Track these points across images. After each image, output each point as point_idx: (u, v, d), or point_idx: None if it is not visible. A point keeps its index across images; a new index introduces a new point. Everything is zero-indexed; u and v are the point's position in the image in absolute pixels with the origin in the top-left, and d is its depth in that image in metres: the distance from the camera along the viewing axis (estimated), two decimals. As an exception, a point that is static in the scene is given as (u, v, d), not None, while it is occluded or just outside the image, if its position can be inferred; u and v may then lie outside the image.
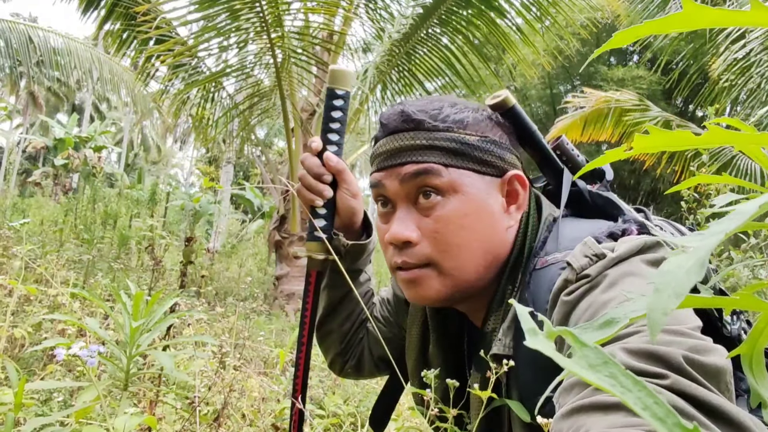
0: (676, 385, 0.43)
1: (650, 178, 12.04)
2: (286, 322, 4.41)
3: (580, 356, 0.22)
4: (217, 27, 4.10)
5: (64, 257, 3.70)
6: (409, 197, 0.77)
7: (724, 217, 0.25)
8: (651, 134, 0.29)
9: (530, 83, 12.67)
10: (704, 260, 0.23)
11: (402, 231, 0.75)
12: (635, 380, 0.21)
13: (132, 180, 16.13)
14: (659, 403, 0.21)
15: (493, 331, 0.76)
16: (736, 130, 0.32)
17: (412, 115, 0.76)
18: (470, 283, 0.77)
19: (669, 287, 0.23)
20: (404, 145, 0.76)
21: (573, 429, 0.44)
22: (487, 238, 0.76)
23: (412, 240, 0.75)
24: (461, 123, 0.76)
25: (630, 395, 0.21)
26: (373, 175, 0.81)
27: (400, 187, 0.76)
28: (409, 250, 0.76)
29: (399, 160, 0.76)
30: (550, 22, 4.53)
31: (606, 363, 0.22)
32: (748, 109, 5.45)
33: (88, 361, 0.75)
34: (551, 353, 0.22)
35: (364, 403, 2.03)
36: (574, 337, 0.23)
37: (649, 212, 0.86)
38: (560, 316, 0.64)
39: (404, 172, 0.75)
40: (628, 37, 0.29)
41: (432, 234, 0.75)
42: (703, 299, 0.29)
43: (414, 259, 0.76)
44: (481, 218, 0.75)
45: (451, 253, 0.75)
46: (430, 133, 0.75)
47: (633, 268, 0.62)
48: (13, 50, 8.09)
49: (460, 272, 0.75)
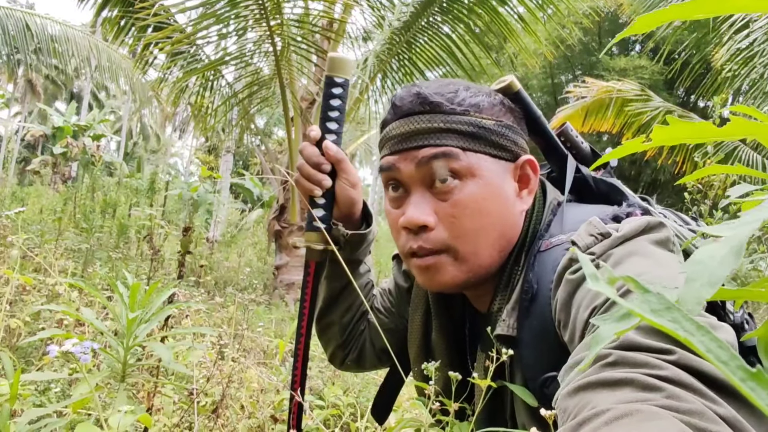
0: (683, 360, 0.43)
1: (651, 169, 12.02)
2: (286, 312, 4.41)
3: (642, 301, 0.23)
4: (216, 14, 4.05)
5: (63, 246, 3.69)
6: (425, 181, 0.75)
7: (759, 206, 0.24)
8: (671, 125, 0.28)
9: (532, 73, 12.60)
10: (739, 249, 0.22)
11: (418, 215, 0.73)
12: (698, 325, 0.21)
13: (131, 169, 16.11)
14: (723, 347, 0.21)
15: (499, 311, 0.76)
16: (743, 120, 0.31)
17: (429, 98, 0.74)
18: (485, 268, 0.76)
19: (702, 277, 0.23)
20: (421, 128, 0.74)
21: (580, 406, 0.43)
22: (502, 223, 0.75)
23: (428, 224, 0.73)
24: (477, 107, 0.75)
25: (694, 339, 0.21)
26: (386, 158, 0.78)
27: (416, 170, 0.74)
28: (425, 235, 0.74)
29: (415, 143, 0.74)
30: (552, 10, 4.48)
31: (669, 308, 0.22)
32: (751, 99, 5.42)
33: (81, 357, 0.74)
34: (613, 295, 0.23)
35: (363, 393, 2.02)
36: (636, 282, 0.23)
37: (652, 201, 0.85)
38: (565, 294, 0.63)
39: (421, 155, 0.73)
40: (650, 22, 0.28)
41: (449, 218, 0.73)
42: (727, 291, 0.28)
43: (430, 245, 0.74)
44: (497, 202, 0.74)
45: (467, 237, 0.74)
46: (447, 116, 0.73)
47: (638, 247, 0.62)
48: (10, 37, 8.02)
49: (475, 257, 0.74)
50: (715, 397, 0.39)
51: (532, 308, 0.71)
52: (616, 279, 0.25)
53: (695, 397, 0.39)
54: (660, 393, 0.39)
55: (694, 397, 0.39)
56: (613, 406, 0.39)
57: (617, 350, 0.46)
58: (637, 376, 0.42)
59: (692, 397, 0.39)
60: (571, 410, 0.44)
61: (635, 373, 0.42)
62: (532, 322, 0.71)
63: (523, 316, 0.72)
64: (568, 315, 0.61)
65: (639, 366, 0.43)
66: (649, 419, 0.36)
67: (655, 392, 0.40)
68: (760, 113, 0.33)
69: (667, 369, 0.42)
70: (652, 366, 0.43)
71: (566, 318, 0.62)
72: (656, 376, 0.41)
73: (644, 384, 0.41)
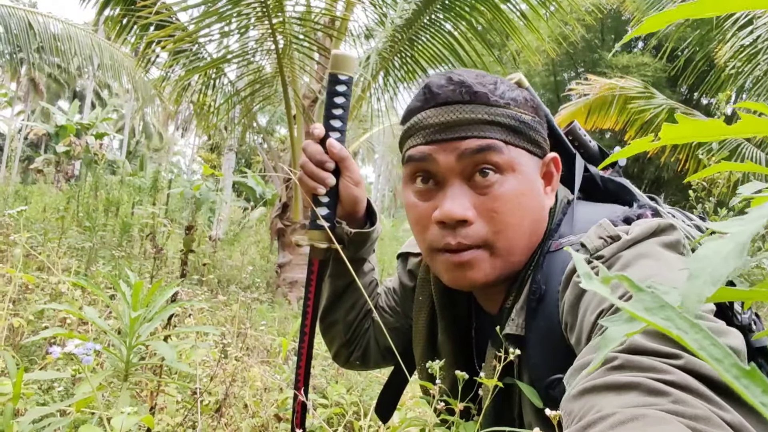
0: (690, 365, 0.42)
1: (654, 167, 11.99)
2: (289, 310, 4.41)
3: (636, 300, 0.22)
4: (218, 12, 4.05)
5: (66, 245, 3.70)
6: (464, 174, 0.72)
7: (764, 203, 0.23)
8: (680, 124, 0.27)
9: (534, 70, 12.56)
10: (744, 246, 0.22)
11: (457, 209, 0.70)
12: (692, 323, 0.21)
13: (134, 167, 16.12)
14: (716, 345, 0.21)
15: (510, 310, 0.75)
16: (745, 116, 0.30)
17: (474, 87, 0.71)
18: (516, 265, 0.74)
19: (705, 273, 0.22)
20: (463, 119, 0.71)
21: (585, 409, 0.43)
22: (535, 218, 0.74)
23: (468, 219, 0.70)
24: (516, 101, 0.74)
25: (687, 337, 0.21)
26: (418, 148, 0.74)
27: (457, 162, 0.71)
28: (463, 230, 0.71)
29: (458, 134, 0.71)
30: (554, 7, 4.47)
31: (662, 306, 0.22)
32: (755, 96, 5.40)
33: (84, 359, 0.74)
34: (606, 294, 0.23)
35: (367, 392, 2.02)
36: (629, 281, 0.23)
37: (660, 200, 0.85)
38: (572, 296, 0.63)
39: (465, 147, 0.70)
40: (659, 21, 0.27)
41: (489, 213, 0.71)
42: (736, 291, 0.27)
43: (470, 240, 0.71)
44: (533, 198, 0.74)
45: (506, 233, 0.71)
46: (491, 107, 0.71)
47: (647, 249, 0.62)
48: (13, 36, 8.04)
49: (510, 253, 0.73)
50: (721, 403, 0.39)
51: (540, 309, 0.70)
52: (611, 278, 0.24)
53: (701, 402, 0.39)
54: (666, 398, 0.39)
55: (701, 402, 0.39)
56: (618, 410, 0.39)
57: (624, 354, 0.46)
58: (644, 380, 0.41)
59: (698, 402, 0.39)
60: (577, 413, 0.44)
61: (641, 377, 0.42)
62: (539, 322, 0.70)
63: (531, 316, 0.71)
64: (575, 317, 0.61)
65: (645, 370, 0.43)
66: (655, 424, 0.36)
67: (661, 397, 0.39)
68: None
69: (673, 374, 0.42)
70: (659, 370, 0.42)
71: (573, 320, 0.62)
72: (662, 380, 0.41)
73: (650, 388, 0.40)
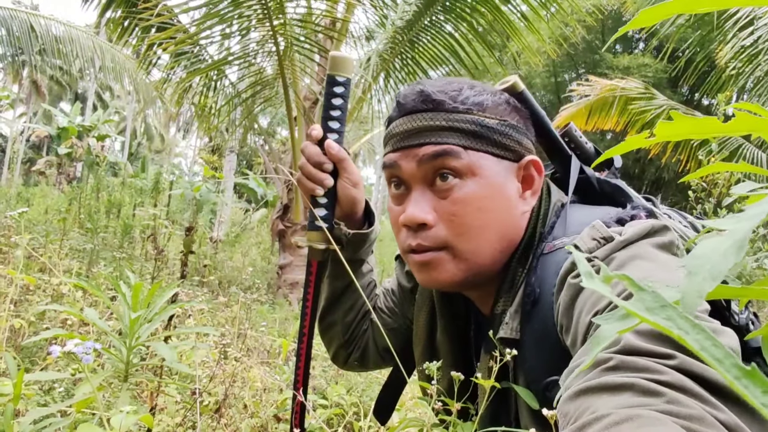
0: (684, 365, 0.42)
1: (655, 167, 11.97)
2: (290, 311, 4.42)
3: (637, 299, 0.23)
4: (219, 14, 4.06)
5: (68, 246, 3.70)
6: (426, 179, 0.75)
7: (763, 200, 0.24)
8: (675, 121, 0.27)
9: (535, 71, 12.57)
10: (742, 243, 0.22)
11: (418, 213, 0.74)
12: (693, 323, 0.21)
13: (135, 169, 16.13)
14: (717, 345, 0.21)
15: (502, 314, 0.75)
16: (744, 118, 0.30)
17: (432, 95, 0.74)
18: (484, 267, 0.76)
19: (704, 270, 0.23)
20: (423, 126, 0.74)
21: (580, 411, 0.43)
22: (502, 223, 0.75)
23: (427, 222, 0.74)
24: (481, 105, 0.75)
25: (688, 337, 0.21)
26: (388, 155, 0.79)
27: (417, 168, 0.75)
28: (424, 232, 0.75)
29: (417, 140, 0.74)
30: (555, 8, 4.47)
31: (663, 306, 0.22)
32: (755, 97, 5.39)
33: (84, 358, 0.74)
34: (607, 293, 0.23)
35: (367, 392, 2.02)
36: (630, 280, 0.23)
37: (656, 201, 0.85)
38: (567, 298, 0.63)
39: (422, 153, 0.74)
40: (653, 15, 0.27)
41: (448, 216, 0.74)
42: (731, 289, 0.28)
43: (429, 242, 0.74)
44: (498, 202, 0.74)
45: (467, 236, 0.74)
46: (449, 114, 0.74)
47: (641, 251, 0.62)
48: (15, 38, 8.05)
49: (474, 256, 0.74)
50: (716, 403, 0.39)
51: (535, 311, 0.71)
52: (612, 277, 0.24)
53: (696, 402, 0.39)
54: (660, 398, 0.39)
55: (695, 402, 0.39)
56: (613, 410, 0.39)
57: (618, 354, 0.46)
58: (638, 380, 0.41)
59: (693, 402, 0.39)
60: (572, 414, 0.44)
61: (636, 377, 0.42)
62: (534, 325, 0.70)
63: (526, 319, 0.71)
64: (570, 319, 0.61)
65: (640, 370, 0.43)
66: (650, 424, 0.36)
67: (655, 397, 0.40)
68: (764, 110, 0.33)
69: (668, 374, 0.42)
70: (653, 371, 0.42)
71: (568, 322, 0.62)
72: (657, 380, 0.41)
73: (645, 389, 0.40)
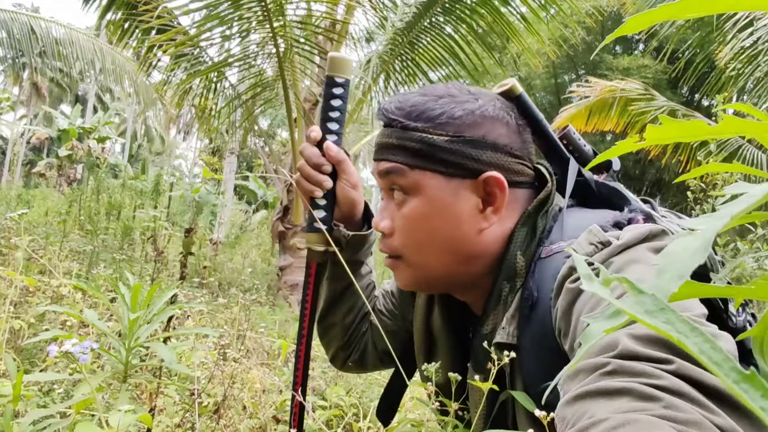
0: (682, 370, 0.42)
1: (655, 168, 11.97)
2: (290, 312, 4.42)
3: (636, 302, 0.22)
4: (219, 16, 4.06)
5: (68, 248, 3.71)
6: (387, 191, 0.80)
7: (736, 200, 0.24)
8: (663, 124, 0.28)
9: (535, 72, 12.58)
10: (709, 242, 0.23)
11: (379, 221, 0.81)
12: (692, 326, 0.21)
13: (136, 171, 16.14)
14: (716, 349, 0.21)
15: (493, 331, 0.74)
16: (744, 117, 0.31)
17: (387, 113, 0.78)
18: (442, 277, 0.79)
19: (672, 268, 0.23)
20: (382, 142, 0.79)
21: (578, 415, 0.43)
22: (451, 239, 0.76)
23: (385, 231, 0.80)
24: (433, 120, 0.74)
25: (687, 340, 0.21)
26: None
27: (380, 180, 0.80)
28: (386, 239, 0.80)
29: (378, 155, 0.80)
30: (555, 10, 4.47)
31: (663, 309, 0.22)
32: (755, 98, 5.39)
33: (81, 357, 0.74)
34: (606, 295, 0.23)
35: (366, 393, 2.02)
36: (630, 283, 0.23)
37: (655, 203, 0.84)
38: (565, 303, 0.63)
39: (379, 168, 0.79)
40: (641, 22, 0.27)
41: (399, 228, 0.78)
42: (719, 288, 0.28)
43: (387, 249, 0.80)
44: (444, 220, 0.75)
45: (413, 248, 0.78)
46: (401, 132, 0.76)
47: (638, 255, 0.61)
48: (15, 41, 8.05)
49: (425, 268, 0.78)
50: (713, 408, 0.39)
51: (533, 316, 0.70)
52: (611, 280, 0.24)
53: (693, 407, 0.39)
54: (658, 403, 0.39)
55: (693, 407, 0.39)
56: (610, 415, 0.39)
57: (616, 359, 0.46)
58: (635, 385, 0.41)
59: (690, 407, 0.39)
60: (569, 419, 0.44)
61: (633, 382, 0.42)
62: (532, 329, 0.70)
63: (524, 323, 0.71)
64: (569, 324, 0.61)
65: (637, 375, 0.43)
66: (647, 429, 0.36)
67: (653, 402, 0.40)
68: (758, 111, 0.33)
69: (665, 379, 0.42)
70: (651, 375, 0.42)
71: (566, 327, 0.62)
72: (654, 385, 0.41)
73: (642, 393, 0.40)
